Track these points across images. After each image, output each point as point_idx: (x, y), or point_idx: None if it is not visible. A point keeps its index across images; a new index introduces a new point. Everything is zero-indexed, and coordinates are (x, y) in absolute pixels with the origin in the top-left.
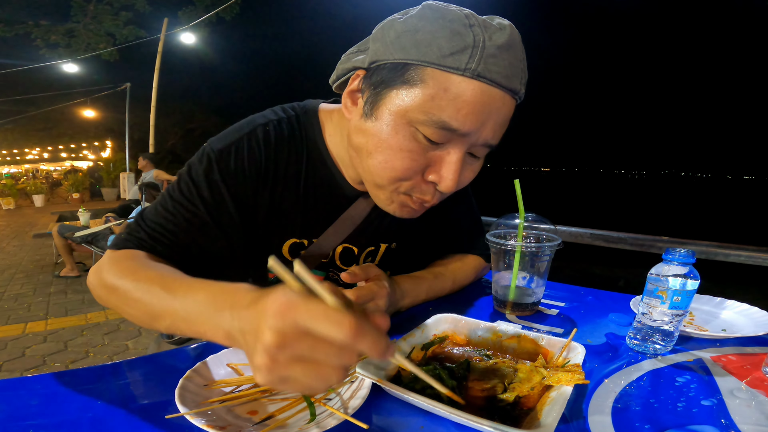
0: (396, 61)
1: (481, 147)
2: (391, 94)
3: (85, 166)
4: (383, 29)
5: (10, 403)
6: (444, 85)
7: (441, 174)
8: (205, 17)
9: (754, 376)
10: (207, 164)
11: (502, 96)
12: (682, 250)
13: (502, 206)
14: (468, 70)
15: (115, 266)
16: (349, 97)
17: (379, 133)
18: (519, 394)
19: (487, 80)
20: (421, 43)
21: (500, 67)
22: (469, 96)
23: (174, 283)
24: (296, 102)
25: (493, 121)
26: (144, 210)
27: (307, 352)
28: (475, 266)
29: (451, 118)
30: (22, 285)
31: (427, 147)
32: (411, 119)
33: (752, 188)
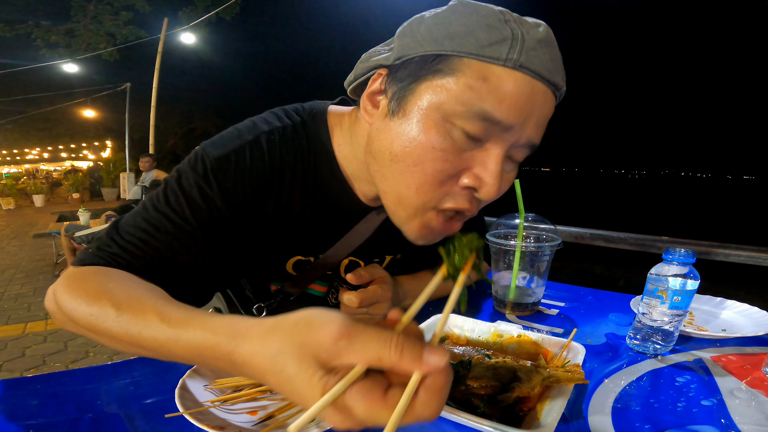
0: (427, 53)
1: (522, 148)
2: (421, 87)
3: (85, 166)
4: (411, 25)
5: (10, 403)
6: (484, 75)
7: (481, 176)
8: (205, 17)
9: (754, 376)
10: (203, 174)
11: (545, 91)
12: (682, 250)
13: (502, 206)
14: (510, 60)
15: (79, 287)
16: (369, 100)
17: (408, 131)
18: (519, 394)
19: (530, 72)
20: (456, 35)
21: (542, 60)
22: (512, 87)
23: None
24: (300, 104)
25: (536, 116)
26: (119, 222)
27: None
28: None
29: (493, 108)
30: (22, 285)
31: (463, 146)
32: (446, 113)
33: (752, 188)
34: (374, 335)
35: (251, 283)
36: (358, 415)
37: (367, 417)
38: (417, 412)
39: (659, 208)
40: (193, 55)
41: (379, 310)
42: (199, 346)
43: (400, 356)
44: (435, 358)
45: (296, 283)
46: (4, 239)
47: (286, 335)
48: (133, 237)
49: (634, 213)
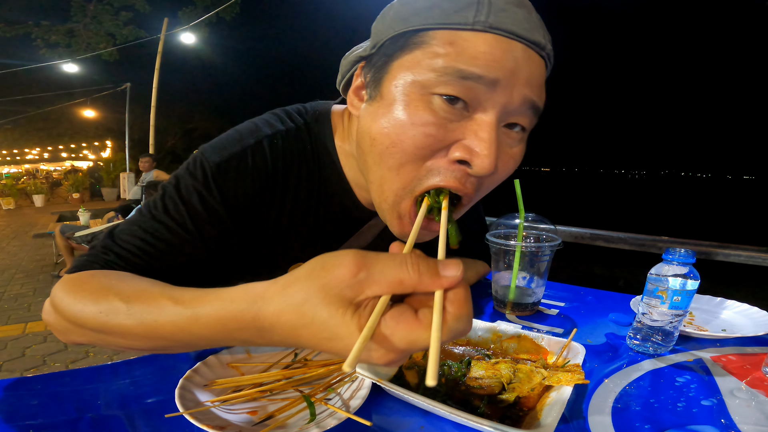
0: (397, 32)
1: (521, 110)
2: (393, 66)
3: (85, 166)
4: (382, 14)
5: (10, 403)
6: (451, 40)
7: (472, 146)
8: (205, 17)
9: (754, 376)
10: (202, 180)
11: (525, 49)
12: (682, 250)
13: (502, 206)
14: (478, 22)
15: (80, 290)
16: (355, 95)
17: (385, 112)
18: (519, 394)
19: (502, 31)
20: (422, 10)
21: (514, 20)
22: (483, 46)
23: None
24: (302, 104)
25: (524, 73)
26: (115, 229)
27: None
28: (478, 270)
29: (469, 64)
30: (22, 285)
31: (448, 116)
32: (422, 84)
33: (752, 188)
34: (390, 260)
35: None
36: (398, 343)
37: (407, 342)
38: (451, 327)
39: (659, 208)
40: (193, 55)
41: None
42: (222, 319)
43: (419, 275)
44: (451, 270)
45: None
46: (4, 239)
47: (305, 284)
48: (129, 245)
49: (634, 213)
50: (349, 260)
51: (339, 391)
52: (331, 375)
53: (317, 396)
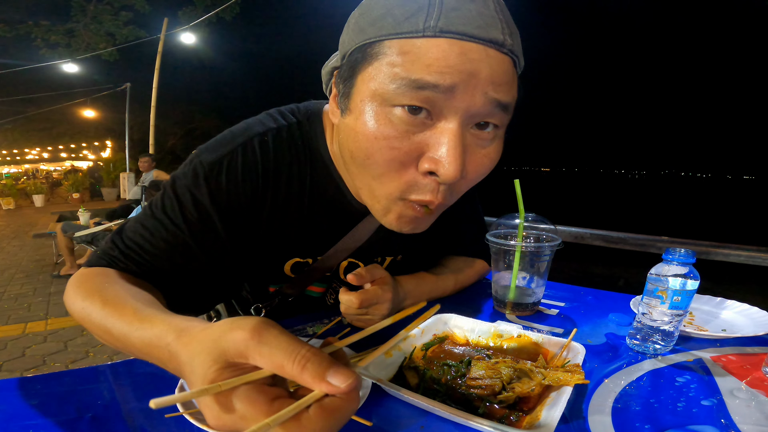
0: (357, 44)
1: (488, 109)
2: (357, 80)
3: (85, 166)
4: (347, 23)
5: (10, 403)
6: (404, 50)
7: (437, 157)
8: (205, 17)
9: (754, 376)
10: (193, 181)
11: (482, 49)
12: (682, 250)
13: (502, 206)
14: (428, 28)
15: (77, 286)
16: (334, 104)
17: (355, 127)
18: (519, 394)
19: (453, 34)
20: (377, 20)
21: (467, 18)
22: (436, 53)
23: (116, 316)
24: (296, 104)
25: (484, 74)
26: (124, 225)
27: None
28: (478, 270)
29: (424, 73)
30: (22, 285)
31: (410, 128)
32: (381, 97)
33: (752, 188)
34: (284, 343)
35: (249, 285)
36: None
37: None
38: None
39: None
40: (193, 55)
41: (379, 311)
42: (152, 339)
43: (302, 370)
44: (337, 379)
45: (294, 285)
46: (4, 239)
47: (211, 332)
48: (132, 242)
49: (634, 213)
50: (250, 326)
51: None
52: None
53: None
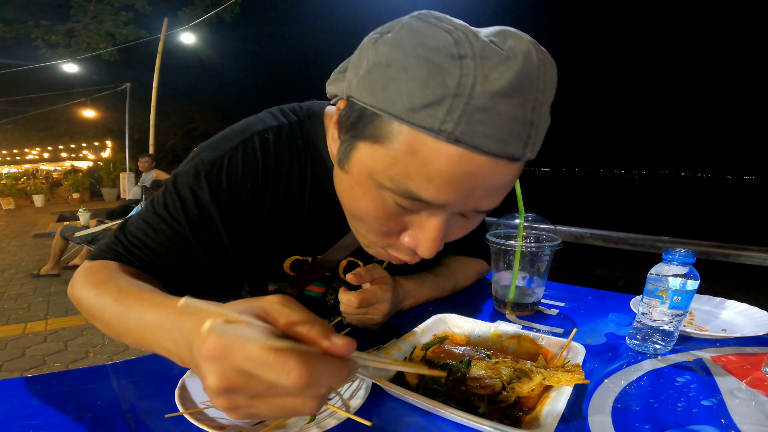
0: (365, 105)
1: (472, 213)
2: (359, 146)
3: (85, 166)
4: (360, 53)
5: (10, 403)
6: (412, 147)
7: (418, 240)
8: (205, 17)
9: (754, 376)
10: (194, 178)
11: (493, 163)
12: (682, 250)
13: (502, 206)
14: (443, 132)
15: (85, 278)
16: (335, 129)
17: (350, 190)
18: (519, 394)
19: (468, 146)
20: (390, 86)
21: (491, 127)
22: (443, 164)
23: (132, 300)
24: (298, 103)
25: (481, 190)
26: (127, 221)
27: (264, 391)
28: (478, 269)
29: (421, 189)
30: (22, 285)
31: (400, 212)
32: (378, 183)
33: (752, 188)
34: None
35: (249, 283)
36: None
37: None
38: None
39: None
40: (193, 55)
41: (378, 311)
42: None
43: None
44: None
45: (294, 284)
46: (4, 239)
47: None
48: (134, 238)
49: (634, 213)
50: (281, 296)
51: (339, 391)
52: None
53: None
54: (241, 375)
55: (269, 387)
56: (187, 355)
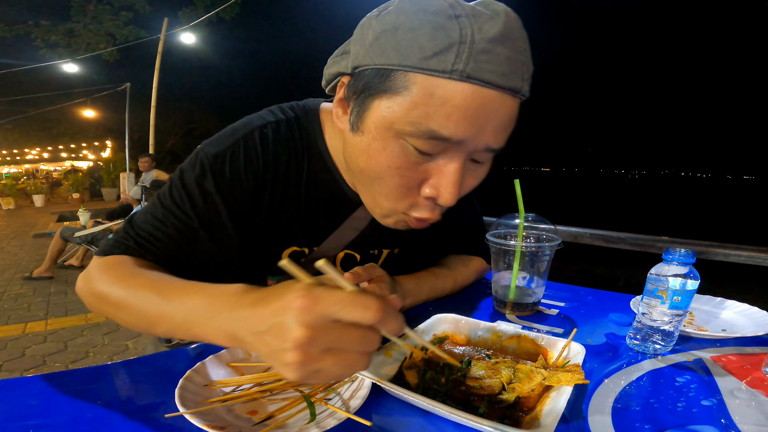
0: (377, 66)
1: (483, 152)
2: (374, 104)
3: (85, 166)
4: (362, 29)
5: (10, 403)
6: (429, 90)
7: (439, 187)
8: (205, 17)
9: (754, 376)
10: (200, 171)
11: (500, 97)
12: (682, 250)
13: (502, 206)
14: (455, 72)
15: (105, 273)
16: (339, 106)
17: (367, 149)
18: (519, 394)
19: (479, 81)
20: (401, 44)
21: (494, 64)
22: (459, 100)
23: (168, 288)
24: (296, 101)
25: (492, 124)
26: (133, 215)
27: (337, 342)
28: (477, 268)
29: (441, 126)
30: (22, 285)
31: (419, 160)
32: (398, 131)
33: (752, 188)
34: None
35: (249, 278)
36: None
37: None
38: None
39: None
40: (193, 55)
41: None
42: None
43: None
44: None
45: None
46: (4, 239)
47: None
48: (144, 232)
49: (634, 213)
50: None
51: (339, 391)
52: None
53: (317, 396)
54: (326, 321)
55: (343, 335)
56: (247, 328)
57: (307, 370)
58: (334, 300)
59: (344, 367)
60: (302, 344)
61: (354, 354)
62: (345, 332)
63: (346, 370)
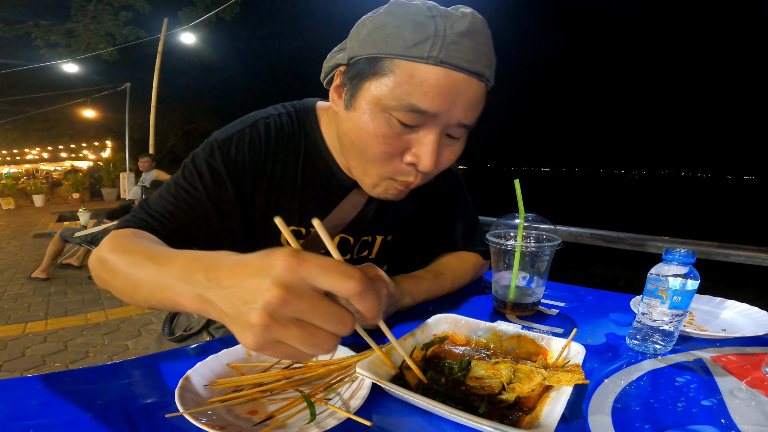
0: (369, 55)
1: (456, 128)
2: (365, 85)
3: (85, 166)
4: (357, 28)
5: (10, 403)
6: (410, 73)
7: (419, 155)
8: (205, 17)
9: (754, 376)
10: (209, 152)
11: (467, 79)
12: (682, 250)
13: (502, 206)
14: (431, 57)
15: (111, 241)
16: (335, 92)
17: (358, 121)
18: (519, 394)
19: (449, 65)
20: (389, 38)
21: (462, 53)
22: (433, 80)
23: (157, 254)
24: (296, 100)
25: (461, 102)
26: (147, 199)
27: (308, 313)
28: (474, 264)
29: (419, 101)
30: (22, 285)
31: (402, 131)
32: (384, 106)
33: (752, 188)
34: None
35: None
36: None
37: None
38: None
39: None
40: (193, 55)
41: None
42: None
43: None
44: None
45: None
46: (4, 239)
47: None
48: (158, 206)
49: (634, 213)
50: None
51: (339, 391)
52: (331, 375)
53: (317, 396)
54: (304, 286)
55: (316, 307)
56: (217, 288)
57: (267, 338)
58: (318, 264)
59: (308, 344)
60: (273, 305)
61: (322, 332)
62: (320, 304)
63: (308, 347)
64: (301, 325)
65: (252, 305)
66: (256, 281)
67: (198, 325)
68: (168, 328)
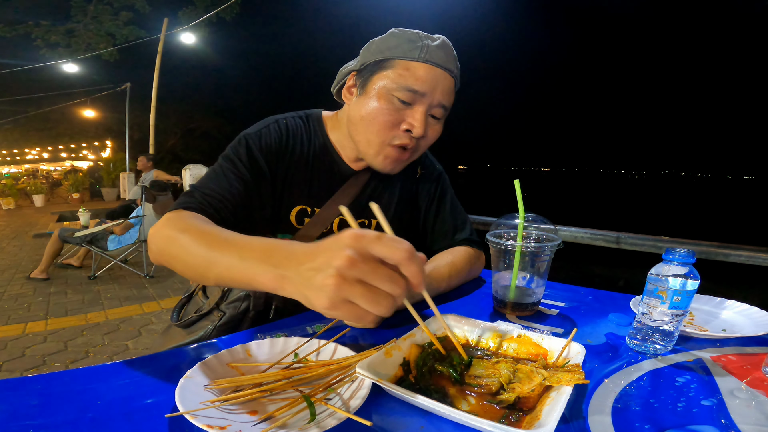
0: (377, 59)
1: (437, 108)
2: (374, 78)
3: (85, 166)
4: (367, 46)
5: (10, 403)
6: (407, 67)
7: (412, 123)
8: (205, 17)
9: (754, 376)
10: (245, 143)
11: (443, 73)
12: (682, 250)
13: (502, 206)
14: (420, 58)
15: (179, 221)
16: (347, 91)
17: (369, 102)
18: (519, 394)
19: (432, 63)
20: (392, 48)
21: (439, 57)
22: (422, 71)
23: (233, 238)
24: (301, 111)
25: (440, 87)
26: (193, 186)
27: (369, 275)
28: (468, 256)
29: (413, 83)
30: (22, 285)
31: (400, 107)
32: (388, 89)
33: (752, 188)
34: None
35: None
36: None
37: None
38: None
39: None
40: (193, 55)
41: None
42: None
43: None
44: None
45: (299, 237)
46: (4, 239)
47: None
48: (206, 188)
49: (634, 213)
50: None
51: (339, 391)
52: (331, 375)
53: (317, 396)
54: (366, 254)
55: (375, 269)
56: (297, 265)
57: (339, 295)
58: (376, 236)
59: (370, 301)
60: (343, 267)
61: (380, 292)
62: (379, 267)
63: (371, 305)
64: (364, 285)
65: (326, 271)
66: (328, 254)
67: (208, 306)
68: (176, 315)
